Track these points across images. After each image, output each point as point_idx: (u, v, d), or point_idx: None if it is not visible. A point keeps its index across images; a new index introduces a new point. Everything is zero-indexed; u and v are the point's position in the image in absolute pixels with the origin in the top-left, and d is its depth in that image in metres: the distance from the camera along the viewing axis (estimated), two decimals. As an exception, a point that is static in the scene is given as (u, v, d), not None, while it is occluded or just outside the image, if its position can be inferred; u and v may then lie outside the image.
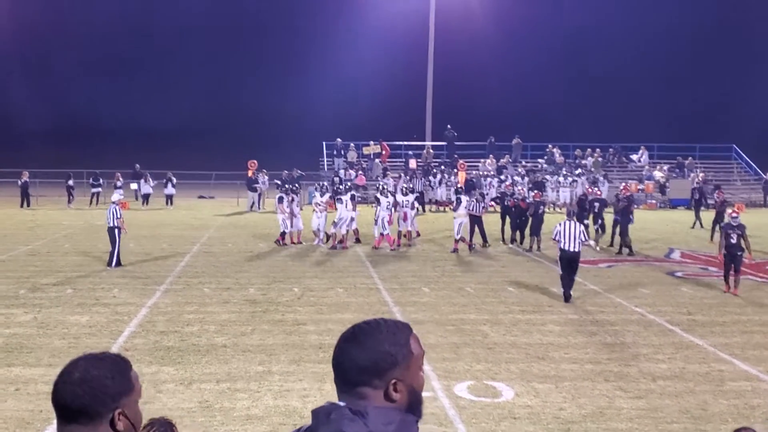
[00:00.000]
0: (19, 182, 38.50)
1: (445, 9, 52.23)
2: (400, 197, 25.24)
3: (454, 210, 24.65)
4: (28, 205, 38.16)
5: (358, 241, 25.05)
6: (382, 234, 24.19)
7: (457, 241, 23.63)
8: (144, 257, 21.57)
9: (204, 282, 17.80)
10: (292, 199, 25.20)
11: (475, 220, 24.90)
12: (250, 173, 39.86)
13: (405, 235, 24.95)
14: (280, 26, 74.55)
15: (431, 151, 47.66)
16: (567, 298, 15.91)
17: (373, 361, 2.28)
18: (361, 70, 66.04)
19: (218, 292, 16.64)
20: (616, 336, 13.16)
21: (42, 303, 15.17)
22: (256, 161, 40.33)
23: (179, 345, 12.16)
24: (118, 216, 19.78)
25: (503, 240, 26.01)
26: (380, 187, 27.10)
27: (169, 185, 40.30)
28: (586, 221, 25.81)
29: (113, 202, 20.44)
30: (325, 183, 30.63)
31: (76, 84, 71.97)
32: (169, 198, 40.16)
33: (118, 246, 19.82)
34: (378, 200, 24.87)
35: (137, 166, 43.02)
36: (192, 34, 73.44)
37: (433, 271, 19.94)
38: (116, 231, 19.72)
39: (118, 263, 19.76)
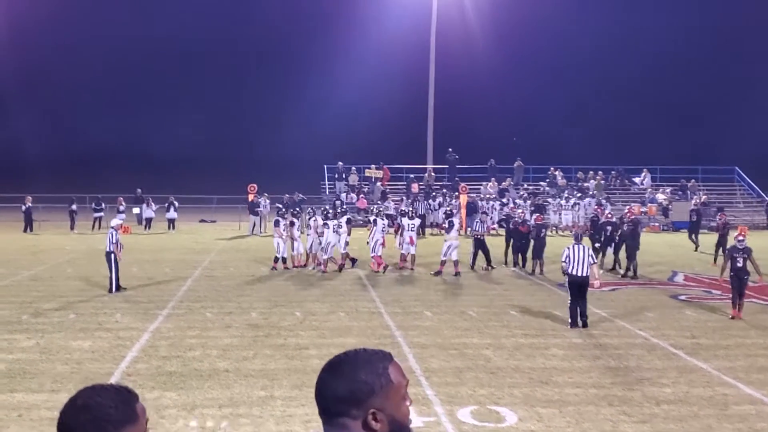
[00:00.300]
0: (23, 207, 38.59)
1: (446, 32, 52.52)
2: (406, 221, 25.17)
3: (447, 233, 24.51)
4: (31, 230, 38.22)
5: (353, 262, 24.95)
6: (379, 256, 24.20)
7: (443, 263, 23.59)
8: (146, 281, 21.56)
9: (206, 306, 17.78)
10: (292, 223, 25.16)
11: (479, 243, 24.91)
12: (251, 197, 39.90)
13: (407, 259, 24.87)
14: (281, 50, 74.98)
15: (433, 174, 47.75)
16: (584, 324, 15.51)
17: (349, 391, 2.28)
18: (362, 93, 66.38)
19: (220, 316, 16.61)
20: (620, 360, 13.11)
21: (45, 328, 15.14)
22: (255, 185, 40.39)
23: (181, 370, 12.12)
24: (114, 241, 19.70)
25: (506, 263, 25.99)
26: (376, 210, 27.12)
27: (171, 209, 40.40)
28: (597, 244, 25.63)
29: (112, 227, 20.44)
30: (327, 207, 30.63)
31: (79, 110, 72.44)
32: (171, 222, 40.24)
33: (115, 271, 19.71)
34: (375, 222, 24.84)
35: (139, 190, 43.13)
36: (193, 59, 74.03)
37: (435, 295, 19.91)
38: (112, 256, 19.68)
39: (118, 288, 19.69)
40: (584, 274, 15.68)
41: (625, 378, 11.98)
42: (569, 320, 15.77)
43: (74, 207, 40.03)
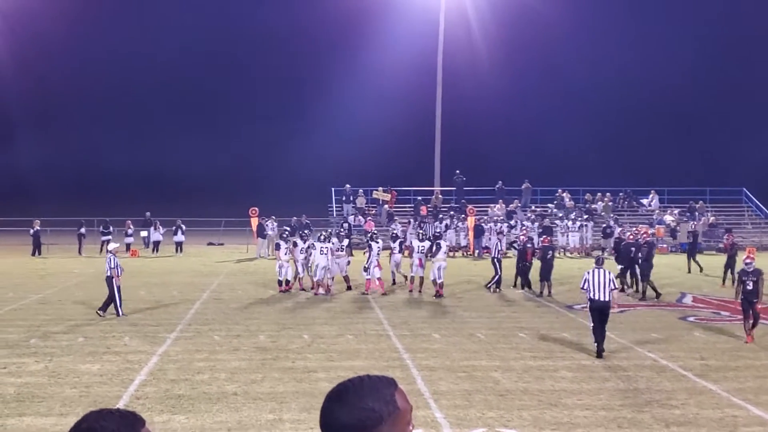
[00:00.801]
0: (31, 231, 38.72)
1: (453, 54, 52.75)
2: (416, 243, 25.18)
3: (433, 255, 24.40)
4: (39, 254, 38.33)
5: (327, 290, 24.82)
6: (378, 278, 24.20)
7: (441, 286, 23.60)
8: (154, 305, 21.58)
9: (214, 329, 17.79)
10: (295, 244, 25.17)
11: (500, 264, 25.10)
12: (254, 220, 39.87)
13: (412, 281, 24.89)
14: (289, 74, 75.35)
15: (440, 196, 47.78)
16: (599, 353, 14.96)
17: (357, 419, 2.26)
18: (369, 116, 66.48)
19: (228, 339, 16.61)
20: (629, 382, 13.07)
21: (53, 352, 15.16)
22: (257, 208, 40.39)
23: (190, 393, 12.12)
24: (112, 266, 19.61)
25: (515, 285, 25.98)
26: (371, 234, 27.18)
27: (179, 232, 40.45)
28: (621, 266, 25.43)
29: (109, 251, 20.32)
30: (330, 230, 30.62)
31: (87, 133, 72.74)
32: (179, 245, 40.28)
33: (115, 295, 19.54)
34: (370, 246, 24.85)
35: (147, 213, 43.23)
36: (200, 82, 74.28)
37: (443, 317, 19.88)
38: (113, 280, 19.64)
39: (103, 309, 19.51)
40: (605, 299, 15.23)
41: (634, 400, 11.94)
42: (595, 345, 15.14)
43: (83, 230, 40.17)
